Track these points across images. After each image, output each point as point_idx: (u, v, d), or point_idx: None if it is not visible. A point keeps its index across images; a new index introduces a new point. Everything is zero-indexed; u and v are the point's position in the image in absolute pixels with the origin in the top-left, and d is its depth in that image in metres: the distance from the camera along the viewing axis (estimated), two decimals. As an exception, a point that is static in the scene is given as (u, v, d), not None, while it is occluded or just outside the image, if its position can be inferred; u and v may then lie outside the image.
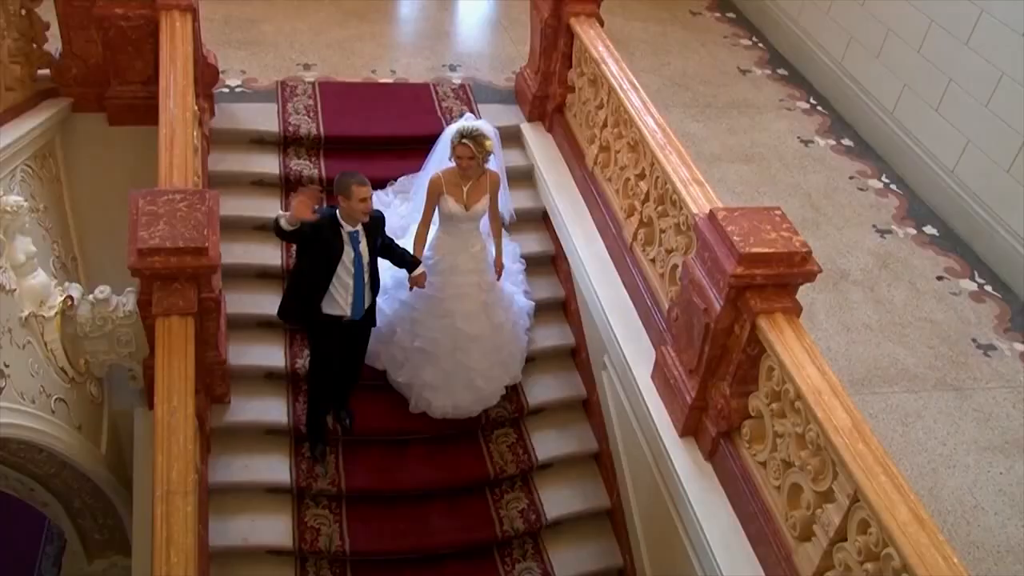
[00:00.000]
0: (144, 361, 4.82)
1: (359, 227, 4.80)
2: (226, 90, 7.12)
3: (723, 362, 4.40)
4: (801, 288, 4.26)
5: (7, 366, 4.23)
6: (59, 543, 7.82)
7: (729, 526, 4.33)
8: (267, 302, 5.92)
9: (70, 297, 4.69)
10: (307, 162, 6.61)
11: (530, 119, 7.07)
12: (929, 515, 3.33)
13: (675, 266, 4.97)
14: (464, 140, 5.07)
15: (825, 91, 8.93)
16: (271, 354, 5.75)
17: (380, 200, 6.19)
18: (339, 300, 4.89)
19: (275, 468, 5.42)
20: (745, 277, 4.12)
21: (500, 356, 5.64)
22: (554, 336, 6.17)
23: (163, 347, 4.22)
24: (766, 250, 4.13)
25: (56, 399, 4.70)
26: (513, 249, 6.21)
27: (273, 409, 5.57)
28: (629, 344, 5.23)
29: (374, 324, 5.23)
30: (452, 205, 5.20)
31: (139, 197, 4.50)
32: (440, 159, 5.54)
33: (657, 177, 5.19)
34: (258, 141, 6.69)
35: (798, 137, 8.28)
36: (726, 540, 4.27)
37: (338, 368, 5.28)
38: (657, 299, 5.20)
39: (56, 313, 4.61)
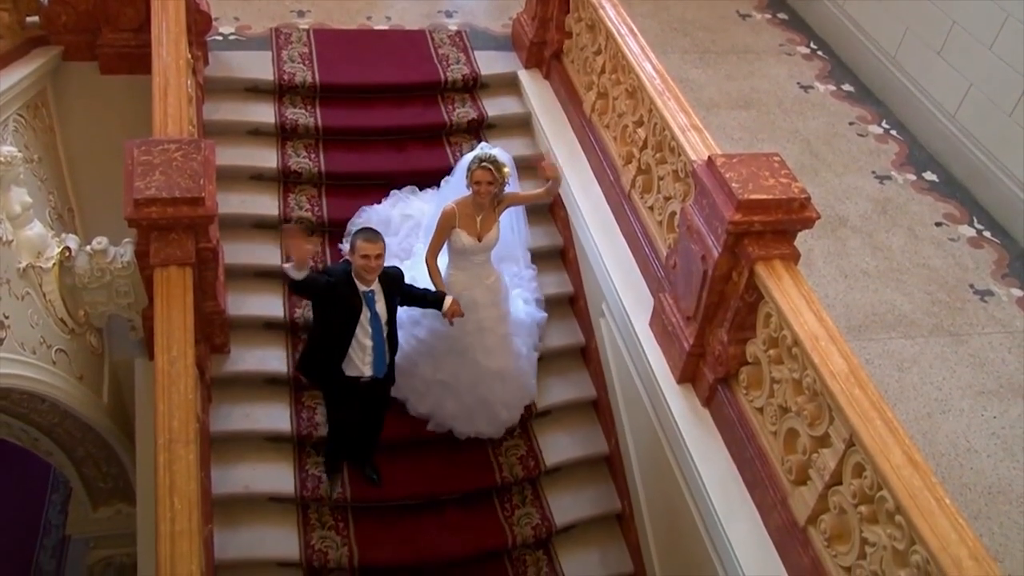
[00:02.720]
0: (143, 311, 4.83)
1: (375, 286, 4.57)
2: (219, 38, 7.01)
3: (721, 309, 4.41)
4: (799, 234, 4.26)
5: (7, 317, 4.24)
6: (65, 491, 7.93)
7: (726, 471, 4.39)
8: (265, 252, 5.92)
9: (68, 248, 4.69)
10: (303, 110, 6.55)
11: (527, 66, 6.99)
12: (923, 458, 3.37)
13: (673, 213, 4.96)
14: (484, 164, 4.91)
15: (826, 35, 8.81)
16: (270, 304, 5.74)
17: (380, 216, 6.05)
18: (357, 361, 4.70)
19: (275, 417, 5.46)
20: (743, 224, 4.11)
21: (519, 382, 5.60)
22: (552, 284, 6.16)
23: (162, 297, 4.23)
24: (764, 197, 4.12)
25: (56, 350, 4.72)
26: (522, 254, 6.07)
27: (273, 358, 5.60)
28: (627, 291, 5.24)
29: (392, 381, 5.05)
30: (465, 239, 5.02)
31: (134, 147, 4.47)
32: (456, 188, 5.34)
33: (655, 124, 5.15)
34: (253, 90, 6.62)
35: (798, 83, 8.19)
36: (723, 485, 4.33)
37: (359, 424, 5.18)
38: (655, 246, 5.20)
39: (54, 264, 4.61)
